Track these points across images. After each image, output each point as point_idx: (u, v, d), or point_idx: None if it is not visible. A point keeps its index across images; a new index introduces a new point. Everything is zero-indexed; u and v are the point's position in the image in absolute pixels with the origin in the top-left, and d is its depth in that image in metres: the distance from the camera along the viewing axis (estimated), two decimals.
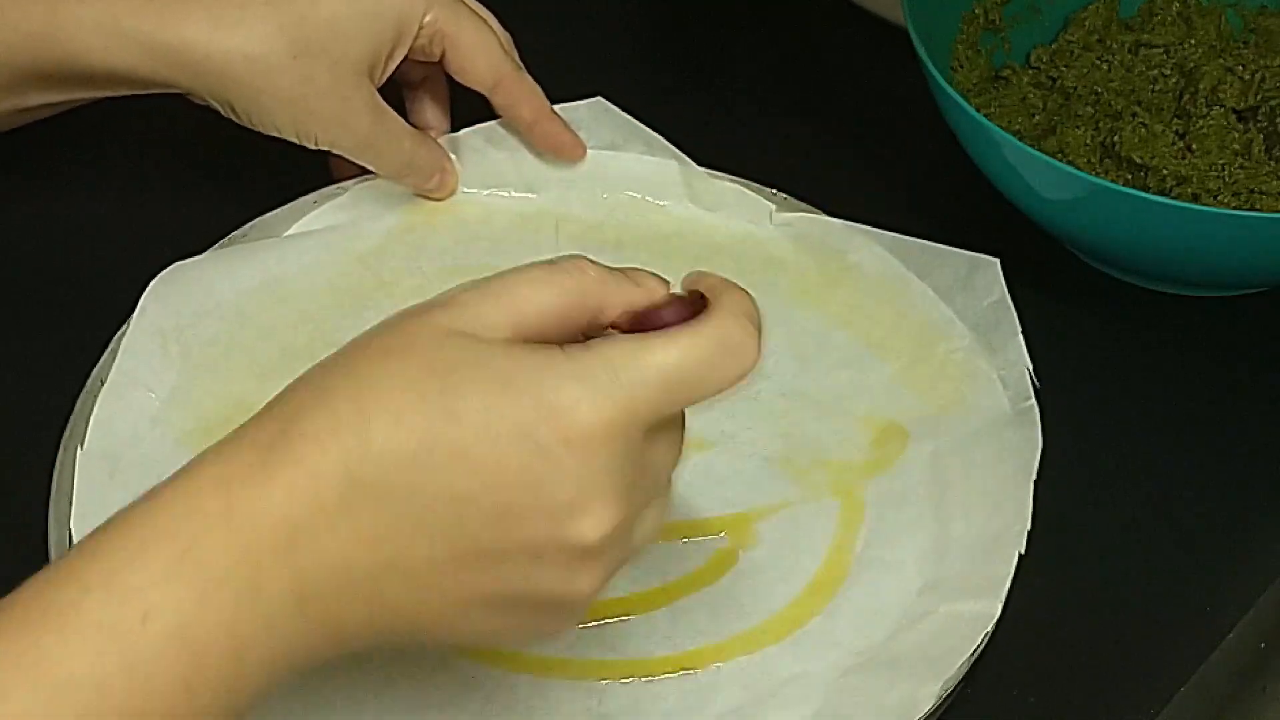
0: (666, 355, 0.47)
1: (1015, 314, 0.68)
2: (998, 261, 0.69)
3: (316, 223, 0.72)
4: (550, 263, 0.49)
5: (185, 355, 0.67)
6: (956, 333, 0.69)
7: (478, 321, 0.47)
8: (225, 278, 0.70)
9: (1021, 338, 0.67)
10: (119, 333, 0.67)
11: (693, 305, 0.49)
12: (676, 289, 0.51)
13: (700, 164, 0.74)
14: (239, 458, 0.46)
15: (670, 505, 0.51)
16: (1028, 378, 0.66)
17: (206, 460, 0.46)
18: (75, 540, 0.60)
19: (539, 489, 0.45)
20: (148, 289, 0.67)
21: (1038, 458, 0.63)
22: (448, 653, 0.58)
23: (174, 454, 0.64)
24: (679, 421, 0.50)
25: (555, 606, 0.48)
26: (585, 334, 0.49)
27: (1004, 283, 0.69)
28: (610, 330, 0.50)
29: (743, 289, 0.50)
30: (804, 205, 0.74)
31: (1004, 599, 0.59)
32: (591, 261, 0.49)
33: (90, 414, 0.64)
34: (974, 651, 0.58)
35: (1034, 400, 0.65)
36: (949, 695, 0.58)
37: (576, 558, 0.46)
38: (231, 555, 0.44)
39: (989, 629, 0.59)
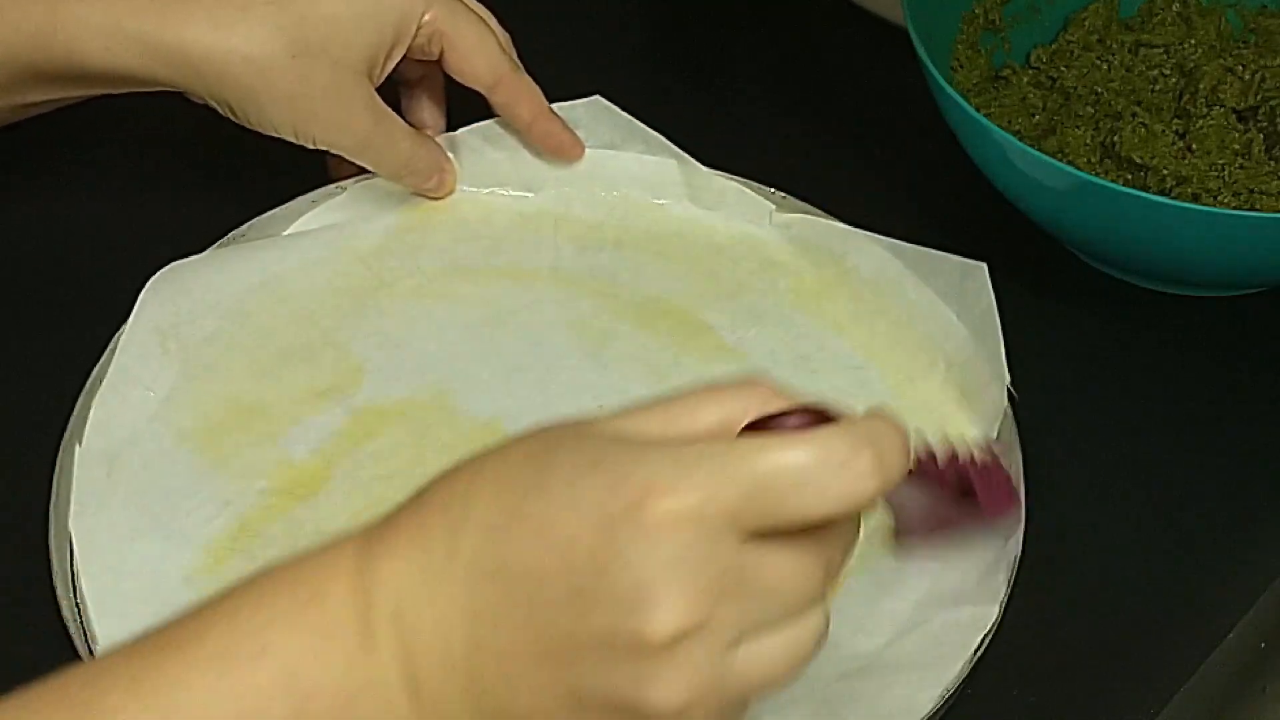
0: (759, 456, 0.43)
1: (999, 322, 0.67)
2: (985, 266, 0.69)
3: (315, 222, 0.72)
4: (724, 386, 0.46)
5: (183, 353, 0.67)
6: (952, 342, 0.69)
7: (631, 426, 0.45)
8: (224, 275, 0.70)
9: (1002, 345, 0.66)
10: (119, 332, 0.67)
11: (825, 419, 0.45)
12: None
13: (700, 164, 0.74)
14: (379, 526, 0.46)
15: (817, 644, 0.46)
16: (1006, 379, 0.66)
17: (354, 530, 0.46)
18: (74, 540, 0.60)
19: (607, 572, 0.42)
20: (146, 286, 0.67)
21: (1020, 471, 0.63)
22: None
23: (172, 452, 0.64)
24: (818, 541, 0.45)
25: (632, 714, 0.44)
26: None
27: (991, 288, 0.68)
28: None
29: (893, 421, 0.45)
30: (804, 205, 0.74)
31: (1002, 604, 0.59)
32: (765, 383, 0.47)
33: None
34: (973, 655, 0.58)
35: (1010, 404, 0.65)
36: (949, 698, 0.58)
37: (646, 655, 0.43)
38: (349, 610, 0.44)
39: (987, 632, 0.59)
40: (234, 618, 0.44)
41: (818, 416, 0.46)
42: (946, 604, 0.60)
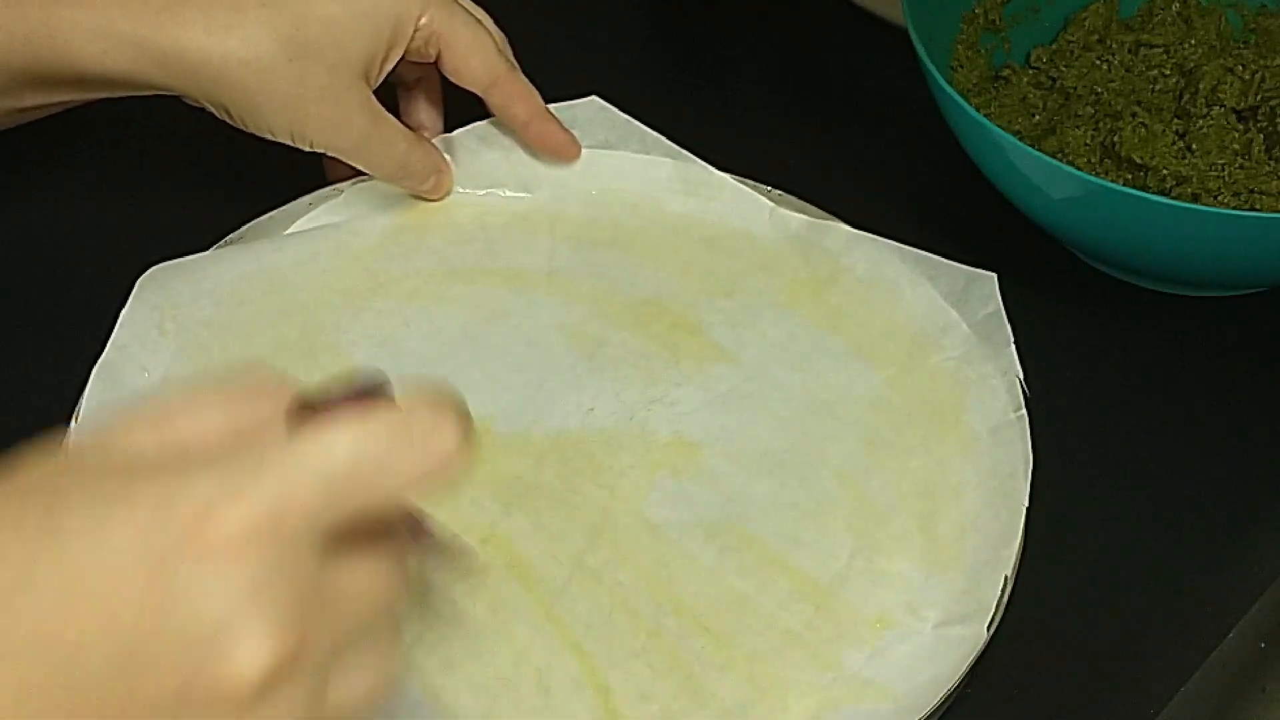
0: (326, 443, 0.37)
1: (1009, 326, 0.67)
2: (995, 276, 0.69)
3: (312, 225, 0.72)
4: (227, 384, 0.41)
5: (181, 335, 0.67)
6: (949, 342, 0.69)
7: (127, 447, 0.39)
8: (222, 265, 0.70)
9: (1014, 348, 0.67)
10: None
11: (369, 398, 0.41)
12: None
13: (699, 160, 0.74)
14: None
15: (393, 666, 0.41)
16: (1019, 387, 0.66)
17: None
18: None
19: (169, 617, 0.35)
20: (144, 274, 0.67)
21: (1029, 475, 0.63)
22: None
23: None
24: (389, 549, 0.40)
25: None
26: None
27: (1000, 296, 0.68)
28: None
29: (450, 390, 0.40)
30: (802, 203, 0.74)
31: (992, 623, 0.59)
32: (279, 378, 0.41)
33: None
34: (960, 679, 0.58)
35: (1025, 411, 0.65)
36: (951, 696, 0.58)
37: (237, 703, 0.36)
38: None
39: (975, 655, 0.58)
40: None
41: (354, 399, 0.41)
42: (935, 616, 0.60)
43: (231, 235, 0.71)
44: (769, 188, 0.74)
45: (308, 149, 0.69)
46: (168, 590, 0.35)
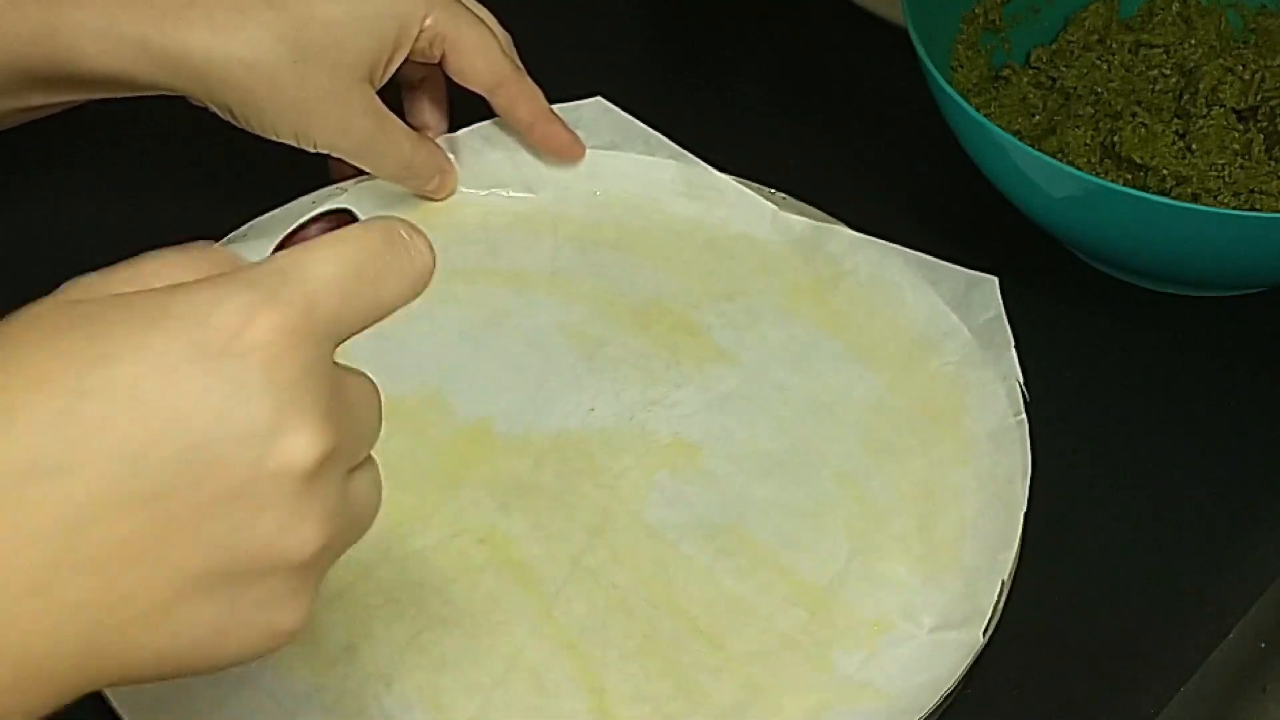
0: (336, 250, 0.41)
1: (1009, 330, 0.67)
2: (996, 280, 0.69)
3: None
4: (181, 248, 0.43)
5: None
6: (949, 346, 0.69)
7: (109, 291, 0.41)
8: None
9: (1014, 352, 0.67)
10: None
11: (341, 222, 0.45)
12: None
13: (702, 162, 0.74)
14: None
15: (380, 495, 0.45)
16: (1019, 391, 0.65)
17: None
18: None
19: (228, 415, 0.38)
20: None
21: (1028, 480, 0.63)
22: None
23: None
24: (372, 386, 0.44)
25: (272, 570, 0.40)
26: None
27: (1001, 300, 0.68)
28: None
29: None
30: (805, 207, 0.74)
31: (988, 629, 0.59)
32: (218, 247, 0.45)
33: None
34: (955, 682, 0.58)
35: (1024, 416, 0.65)
36: (947, 699, 0.58)
37: (292, 491, 0.40)
38: None
39: (971, 660, 0.58)
40: None
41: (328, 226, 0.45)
42: (932, 621, 0.60)
43: (233, 234, 0.71)
44: (771, 190, 0.74)
45: (312, 150, 0.69)
46: (223, 388, 0.38)
